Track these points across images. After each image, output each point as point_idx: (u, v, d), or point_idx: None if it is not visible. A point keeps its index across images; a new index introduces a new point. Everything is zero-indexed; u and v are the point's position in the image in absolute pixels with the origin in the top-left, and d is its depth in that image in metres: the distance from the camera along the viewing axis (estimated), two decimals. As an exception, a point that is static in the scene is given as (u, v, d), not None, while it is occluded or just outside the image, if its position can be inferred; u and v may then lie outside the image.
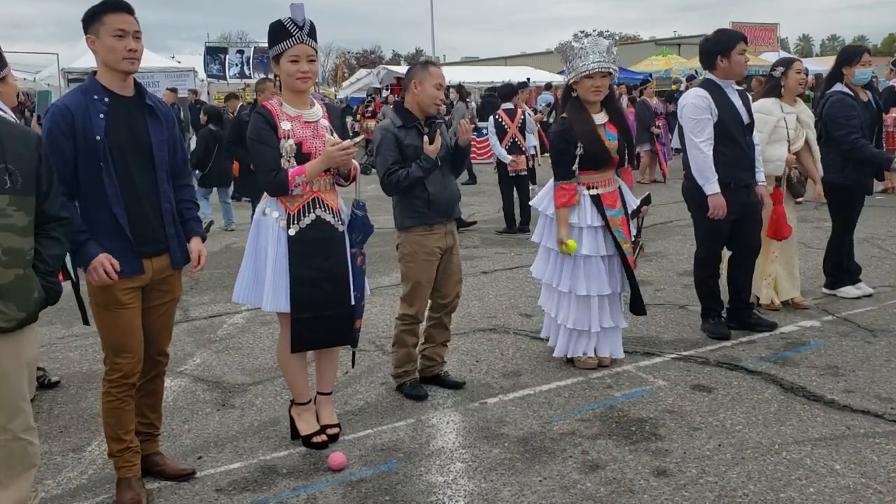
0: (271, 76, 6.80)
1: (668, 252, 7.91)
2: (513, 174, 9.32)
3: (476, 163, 15.39)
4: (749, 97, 5.20)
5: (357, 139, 3.71)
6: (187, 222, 3.33)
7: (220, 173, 9.78)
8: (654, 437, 3.72)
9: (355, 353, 4.12)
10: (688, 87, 13.76)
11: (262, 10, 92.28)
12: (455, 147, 4.27)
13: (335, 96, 26.83)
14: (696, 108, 4.88)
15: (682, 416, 3.95)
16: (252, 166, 3.88)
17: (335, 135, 3.63)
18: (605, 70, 4.35)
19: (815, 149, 5.59)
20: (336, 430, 3.81)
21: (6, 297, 2.55)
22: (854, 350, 4.82)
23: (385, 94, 23.21)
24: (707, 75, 5.17)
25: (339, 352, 3.88)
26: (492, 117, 9.56)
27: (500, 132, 9.33)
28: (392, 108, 4.38)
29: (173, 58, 26.86)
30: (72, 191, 3.03)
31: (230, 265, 7.62)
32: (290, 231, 3.47)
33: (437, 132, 4.10)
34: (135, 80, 3.18)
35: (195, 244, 3.33)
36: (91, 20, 3.04)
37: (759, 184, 5.10)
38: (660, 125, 13.52)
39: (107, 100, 3.05)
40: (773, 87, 5.50)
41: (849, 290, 5.93)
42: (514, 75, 20.37)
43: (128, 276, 3.07)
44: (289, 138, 3.47)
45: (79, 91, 3.09)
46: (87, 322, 3.46)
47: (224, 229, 10.13)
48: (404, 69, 3.75)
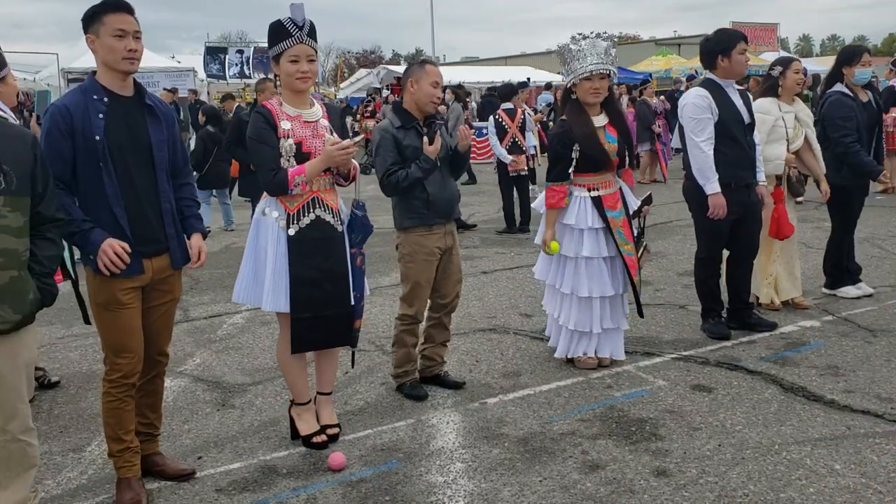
0: (271, 76, 6.80)
1: (668, 252, 7.90)
2: (513, 174, 9.31)
3: (476, 163, 15.37)
4: (750, 97, 5.20)
5: (357, 139, 3.71)
6: (188, 219, 3.33)
7: (217, 175, 9.75)
8: (654, 438, 3.71)
9: (355, 354, 4.12)
10: (688, 87, 13.75)
11: (262, 10, 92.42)
12: (454, 152, 4.26)
13: (335, 96, 26.82)
14: (696, 107, 4.88)
15: (682, 416, 3.95)
16: (252, 166, 3.88)
17: (335, 134, 3.63)
18: (603, 71, 4.35)
19: (817, 147, 5.58)
20: (336, 430, 3.81)
21: (1, 299, 2.54)
22: (854, 350, 4.81)
23: (385, 93, 23.22)
24: (707, 75, 5.17)
25: (338, 352, 3.88)
26: (492, 117, 9.54)
27: (501, 132, 9.32)
28: (391, 109, 4.37)
29: (173, 58, 26.87)
30: (71, 191, 3.03)
31: (230, 265, 7.62)
32: (290, 231, 3.46)
33: (437, 133, 4.10)
34: (134, 79, 3.18)
35: (196, 240, 3.33)
36: (91, 20, 3.03)
37: (760, 183, 5.10)
38: (660, 124, 13.52)
39: (106, 100, 3.04)
40: (771, 87, 5.50)
41: (849, 290, 5.93)
42: (515, 75, 20.39)
43: (128, 275, 3.06)
44: (288, 138, 3.46)
45: (78, 91, 3.08)
46: (88, 321, 3.46)
47: (224, 229, 10.12)
48: (404, 69, 3.72)
